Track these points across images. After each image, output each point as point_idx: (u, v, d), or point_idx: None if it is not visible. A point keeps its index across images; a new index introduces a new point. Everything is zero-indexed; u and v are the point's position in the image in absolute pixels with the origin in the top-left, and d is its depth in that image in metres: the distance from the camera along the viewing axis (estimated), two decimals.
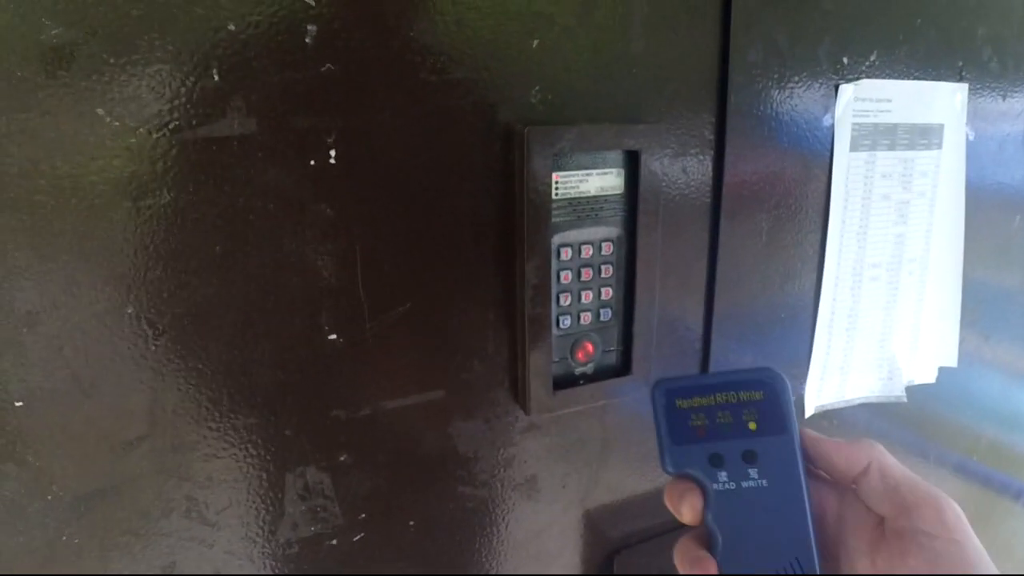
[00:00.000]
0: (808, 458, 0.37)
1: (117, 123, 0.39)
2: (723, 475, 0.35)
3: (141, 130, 0.40)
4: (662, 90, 0.55)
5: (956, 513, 0.32)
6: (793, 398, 0.37)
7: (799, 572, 0.33)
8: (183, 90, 0.40)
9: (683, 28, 0.55)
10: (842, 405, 0.77)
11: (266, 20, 0.41)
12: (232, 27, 0.41)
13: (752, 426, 0.36)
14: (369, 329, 0.48)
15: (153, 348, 0.43)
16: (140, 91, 0.39)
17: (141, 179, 0.40)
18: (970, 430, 0.96)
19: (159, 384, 0.43)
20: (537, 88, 0.50)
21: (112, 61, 0.38)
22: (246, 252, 0.43)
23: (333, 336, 0.47)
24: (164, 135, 0.40)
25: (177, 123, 0.40)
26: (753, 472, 0.35)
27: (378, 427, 0.50)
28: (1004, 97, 0.79)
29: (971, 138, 0.77)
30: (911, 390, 0.80)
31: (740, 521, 0.35)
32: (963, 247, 0.80)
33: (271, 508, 0.48)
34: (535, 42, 0.49)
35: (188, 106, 0.40)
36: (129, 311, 0.42)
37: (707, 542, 0.35)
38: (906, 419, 0.85)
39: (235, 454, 0.46)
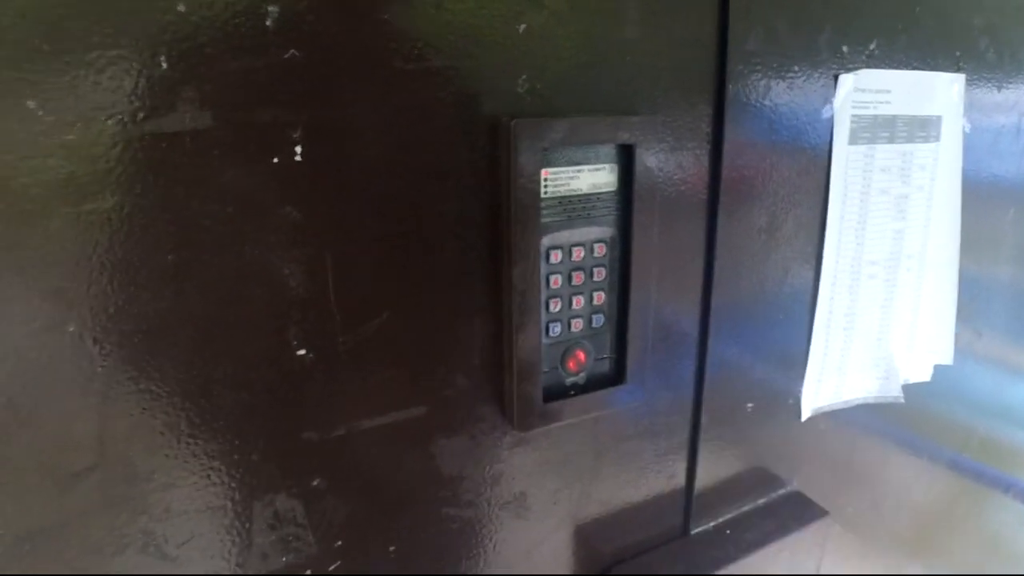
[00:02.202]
0: None
1: (52, 117, 0.34)
2: None
3: (79, 125, 0.35)
4: (658, 80, 0.52)
5: None
6: None
7: None
8: (127, 80, 0.35)
9: (680, 14, 0.51)
10: (839, 406, 0.75)
11: (221, 1, 0.37)
12: (182, 8, 0.36)
13: None
14: (342, 343, 0.44)
15: (99, 370, 0.38)
16: (78, 81, 0.34)
17: (80, 181, 0.36)
18: (963, 426, 0.95)
19: (107, 409, 0.39)
20: (524, 77, 0.46)
21: (45, 48, 0.34)
22: (202, 261, 0.39)
23: (302, 351, 0.43)
24: (106, 131, 0.35)
25: (121, 117, 0.36)
26: None
27: (354, 448, 0.46)
28: (1000, 88, 0.77)
29: (967, 130, 0.74)
30: (906, 388, 0.78)
31: None
32: (959, 242, 0.77)
33: (238, 539, 0.44)
34: (522, 27, 0.45)
35: (133, 98, 0.36)
36: (71, 329, 0.37)
37: None
38: (901, 417, 0.84)
39: (196, 483, 0.42)
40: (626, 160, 0.51)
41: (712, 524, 0.70)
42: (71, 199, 0.36)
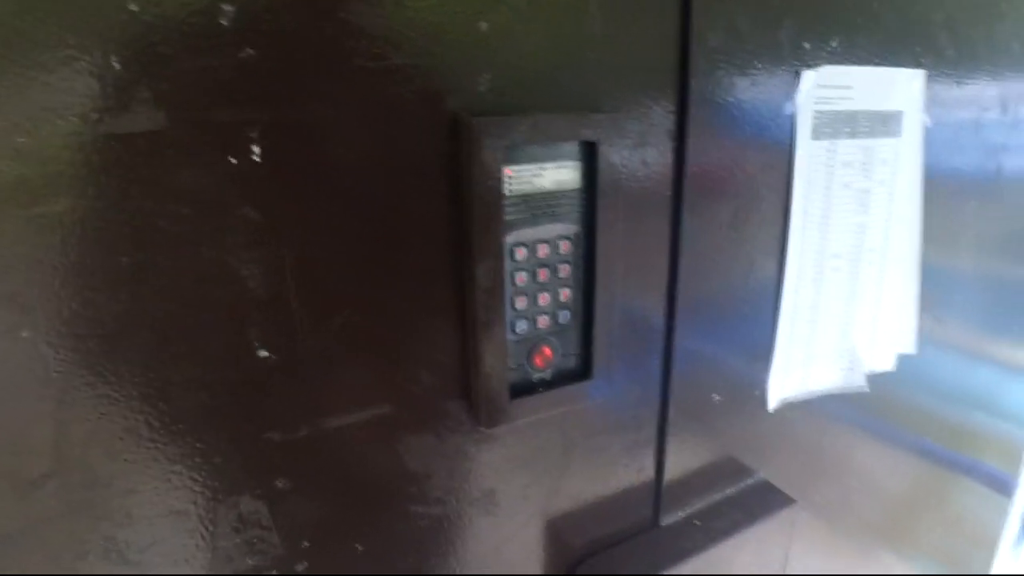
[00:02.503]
0: None
1: (1, 121, 0.34)
2: None
3: (29, 127, 0.34)
4: (621, 77, 0.52)
5: None
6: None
7: None
8: (78, 81, 0.35)
9: (642, 10, 0.51)
10: (805, 397, 0.76)
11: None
12: (134, 7, 0.35)
13: None
14: (304, 342, 0.44)
15: (55, 375, 0.37)
16: (26, 82, 0.34)
17: (31, 184, 0.35)
18: (926, 413, 0.98)
19: (64, 415, 0.38)
20: (486, 75, 0.46)
21: None
22: (158, 263, 0.38)
23: (263, 352, 0.43)
24: (57, 132, 0.35)
25: (72, 118, 0.35)
26: None
27: (319, 448, 0.46)
28: (959, 84, 0.79)
29: (928, 125, 0.76)
30: (871, 378, 0.80)
31: None
32: (921, 235, 0.79)
33: (201, 543, 0.44)
34: (483, 25, 0.45)
35: (85, 99, 0.35)
36: (24, 334, 0.36)
37: None
38: (866, 406, 0.85)
39: (157, 487, 0.42)
40: (590, 157, 0.51)
41: (682, 515, 0.71)
42: (22, 202, 0.35)
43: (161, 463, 0.41)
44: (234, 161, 0.39)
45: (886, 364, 0.82)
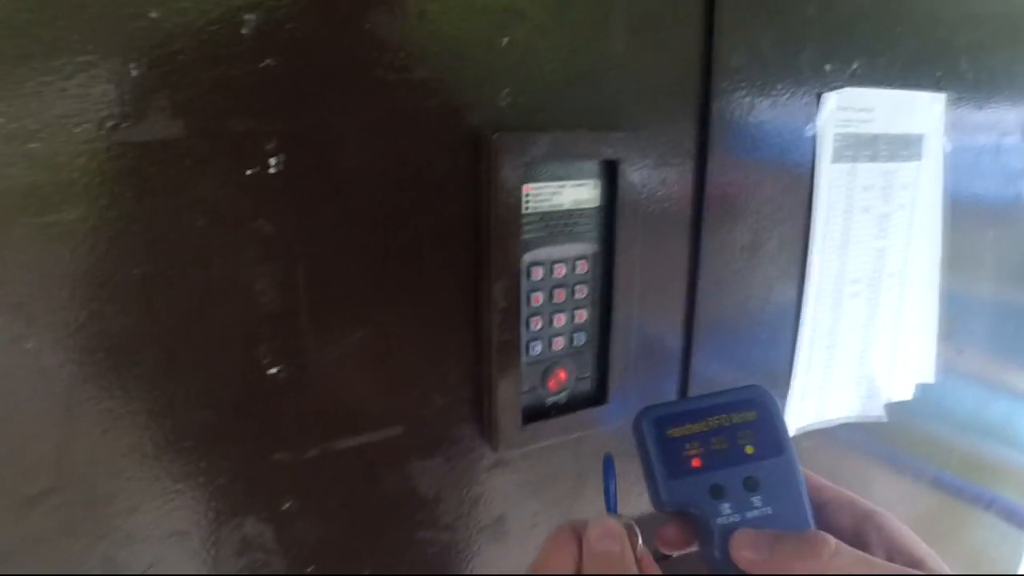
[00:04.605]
0: None
1: (14, 125, 0.33)
2: (726, 507, 0.33)
3: (44, 133, 0.34)
4: (642, 95, 0.51)
5: None
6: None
7: None
8: (95, 87, 0.34)
9: (665, 29, 0.51)
10: (822, 426, 0.74)
11: (195, 7, 0.35)
12: (154, 15, 0.35)
13: (749, 450, 0.34)
14: (315, 361, 0.43)
15: (59, 389, 0.36)
16: (42, 88, 0.33)
17: (43, 191, 0.34)
18: (944, 444, 0.95)
19: (66, 430, 0.37)
20: (507, 91, 0.46)
21: (8, 52, 0.32)
22: (170, 276, 0.37)
23: (273, 369, 0.41)
24: (72, 139, 0.34)
25: (87, 125, 0.34)
26: (757, 500, 0.33)
27: (327, 470, 0.45)
28: (980, 108, 0.78)
29: (948, 149, 0.75)
30: (889, 407, 0.78)
31: None
32: (941, 261, 0.78)
33: (204, 565, 0.42)
34: (505, 40, 0.45)
35: (101, 106, 0.34)
36: (29, 346, 0.35)
37: None
38: (883, 436, 0.83)
39: (159, 507, 0.40)
40: (609, 176, 0.50)
41: None
42: (32, 210, 0.34)
43: (164, 482, 0.40)
44: (250, 172, 0.38)
45: (904, 393, 0.81)
